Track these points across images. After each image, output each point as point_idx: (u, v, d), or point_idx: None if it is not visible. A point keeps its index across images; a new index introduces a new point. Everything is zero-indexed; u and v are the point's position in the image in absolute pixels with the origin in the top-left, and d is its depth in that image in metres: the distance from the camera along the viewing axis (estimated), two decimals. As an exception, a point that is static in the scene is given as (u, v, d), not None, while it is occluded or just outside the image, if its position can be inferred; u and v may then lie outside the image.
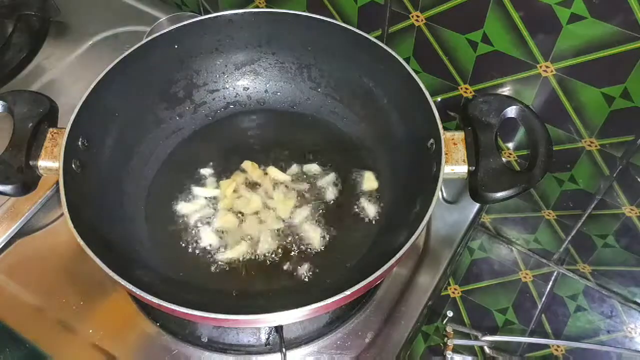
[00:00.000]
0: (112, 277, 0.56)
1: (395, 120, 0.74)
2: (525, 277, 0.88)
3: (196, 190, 0.75)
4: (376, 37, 0.73)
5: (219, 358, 0.70)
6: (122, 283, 0.56)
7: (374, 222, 0.73)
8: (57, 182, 0.62)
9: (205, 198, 0.75)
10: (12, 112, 0.66)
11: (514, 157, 0.82)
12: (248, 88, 0.83)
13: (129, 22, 0.99)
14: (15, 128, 0.65)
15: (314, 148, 0.80)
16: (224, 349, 0.70)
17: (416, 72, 0.69)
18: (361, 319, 0.72)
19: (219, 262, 0.70)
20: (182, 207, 0.74)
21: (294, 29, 0.76)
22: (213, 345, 0.70)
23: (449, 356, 0.76)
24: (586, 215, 0.82)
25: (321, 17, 0.74)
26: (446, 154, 0.64)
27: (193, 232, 0.73)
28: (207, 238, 0.72)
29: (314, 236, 0.72)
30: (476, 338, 0.80)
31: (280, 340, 0.67)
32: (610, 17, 0.60)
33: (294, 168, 0.78)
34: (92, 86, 0.68)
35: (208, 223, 0.73)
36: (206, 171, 0.78)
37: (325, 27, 0.74)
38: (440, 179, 0.62)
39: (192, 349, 0.70)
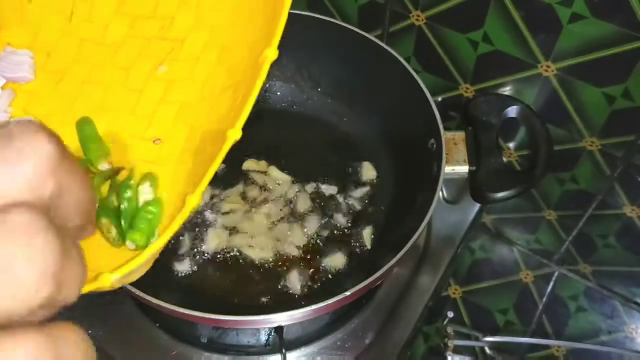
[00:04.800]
0: (111, 278, 0.56)
1: (396, 120, 0.74)
2: (526, 278, 0.88)
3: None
4: (376, 37, 0.73)
5: (218, 359, 0.70)
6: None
7: (374, 222, 0.73)
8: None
9: (207, 199, 0.75)
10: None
11: (514, 157, 0.82)
12: (248, 88, 0.83)
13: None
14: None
15: (313, 148, 0.80)
16: (224, 349, 0.70)
17: (417, 71, 0.69)
18: (361, 319, 0.72)
19: (219, 264, 0.70)
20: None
21: (294, 28, 0.76)
22: (213, 346, 0.70)
23: (449, 357, 0.76)
24: (587, 215, 0.82)
25: (321, 17, 0.74)
26: (447, 153, 0.63)
27: (194, 233, 0.72)
28: (209, 240, 0.71)
29: (312, 236, 0.72)
30: (477, 339, 0.79)
31: (280, 341, 0.67)
32: (611, 16, 0.60)
33: (294, 169, 0.77)
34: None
35: (209, 224, 0.73)
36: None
37: (325, 26, 0.74)
38: (441, 179, 0.62)
39: (191, 350, 0.70)
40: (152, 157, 0.45)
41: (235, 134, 0.39)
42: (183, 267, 0.70)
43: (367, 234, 0.72)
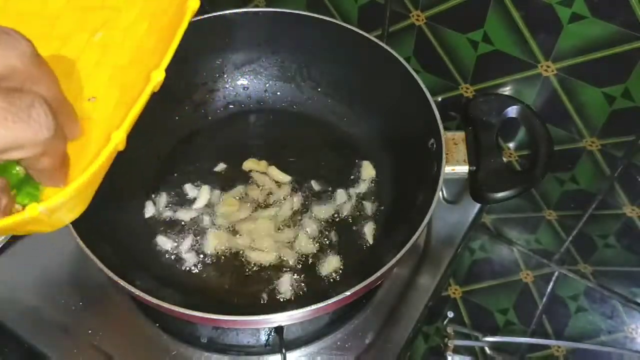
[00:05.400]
0: (111, 278, 0.56)
1: (396, 120, 0.74)
2: (526, 278, 0.88)
3: (192, 191, 0.75)
4: (376, 37, 0.73)
5: (218, 359, 0.70)
6: (122, 284, 0.56)
7: (374, 223, 0.73)
8: (56, 183, 0.61)
9: (204, 201, 0.75)
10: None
11: (514, 157, 0.82)
12: (248, 87, 0.83)
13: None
14: (14, 128, 0.64)
15: (313, 148, 0.80)
16: (224, 349, 0.70)
17: (417, 71, 0.69)
18: (361, 319, 0.72)
19: (219, 264, 0.70)
20: (181, 210, 0.74)
21: (294, 29, 0.76)
22: (213, 346, 0.70)
23: (449, 357, 0.76)
24: (587, 215, 0.82)
25: (321, 17, 0.74)
26: (447, 154, 0.63)
27: (194, 233, 0.72)
28: (209, 240, 0.71)
29: (314, 238, 0.72)
30: (477, 339, 0.79)
31: (281, 341, 0.67)
32: (611, 16, 0.60)
33: (294, 170, 0.77)
34: (91, 86, 0.67)
35: (209, 225, 0.73)
36: (205, 174, 0.77)
37: (325, 26, 0.74)
38: (441, 179, 0.62)
39: (191, 350, 0.70)
40: (86, 114, 0.47)
41: (158, 75, 0.43)
42: (183, 267, 0.70)
43: (369, 231, 0.72)
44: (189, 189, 0.75)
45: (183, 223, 0.73)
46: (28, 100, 0.34)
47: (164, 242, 0.71)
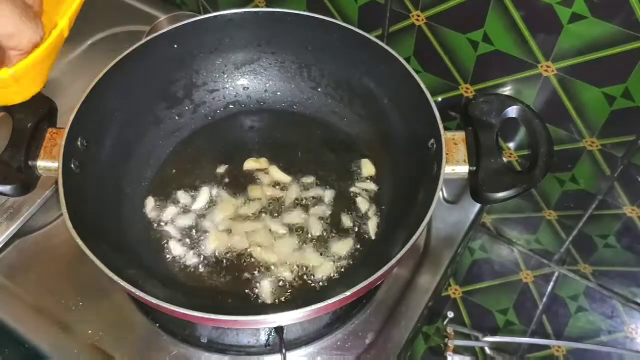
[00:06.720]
0: (111, 278, 0.56)
1: (396, 120, 0.74)
2: (526, 278, 0.88)
3: (192, 192, 0.75)
4: (376, 37, 0.73)
5: (218, 359, 0.70)
6: (121, 284, 0.56)
7: (374, 222, 0.73)
8: (56, 182, 0.61)
9: (205, 202, 0.75)
10: (11, 112, 0.65)
11: (514, 157, 0.82)
12: (248, 88, 0.83)
13: (128, 21, 0.99)
14: (14, 128, 0.65)
15: (313, 148, 0.80)
16: (224, 349, 0.70)
17: (417, 71, 0.69)
18: (361, 319, 0.72)
19: (220, 264, 0.70)
20: (181, 211, 0.74)
21: (294, 29, 0.76)
22: (213, 346, 0.70)
23: (449, 357, 0.76)
24: (587, 215, 0.82)
25: (321, 17, 0.74)
26: (447, 154, 0.63)
27: (195, 233, 0.72)
28: (210, 241, 0.72)
29: (314, 238, 0.72)
30: (477, 339, 0.79)
31: (281, 341, 0.67)
32: (611, 16, 0.60)
33: (295, 170, 0.77)
34: (91, 86, 0.67)
35: (209, 225, 0.73)
36: (205, 175, 0.77)
37: (325, 26, 0.74)
38: (441, 179, 0.62)
39: (191, 350, 0.70)
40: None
41: None
42: (183, 267, 0.70)
43: (370, 230, 0.72)
44: (189, 190, 0.76)
45: (183, 224, 0.73)
46: (33, 14, 0.51)
47: (165, 243, 0.71)
